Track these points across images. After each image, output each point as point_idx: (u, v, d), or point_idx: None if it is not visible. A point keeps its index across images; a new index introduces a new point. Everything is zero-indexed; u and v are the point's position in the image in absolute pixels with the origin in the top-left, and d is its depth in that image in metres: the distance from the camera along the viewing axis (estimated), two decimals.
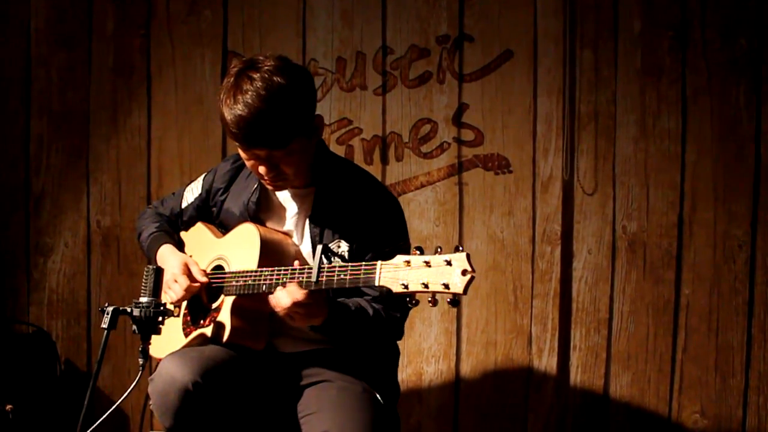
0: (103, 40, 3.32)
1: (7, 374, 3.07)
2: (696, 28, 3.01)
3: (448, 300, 1.85)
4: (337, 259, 2.14)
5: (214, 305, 2.34)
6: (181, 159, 3.31)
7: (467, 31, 3.13)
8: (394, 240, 2.25)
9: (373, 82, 3.23)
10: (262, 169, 2.19)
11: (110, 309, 2.09)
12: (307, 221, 2.31)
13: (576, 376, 3.17)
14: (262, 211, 2.38)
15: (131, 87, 3.32)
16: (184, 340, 2.38)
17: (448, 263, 1.84)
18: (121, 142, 3.35)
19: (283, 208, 2.38)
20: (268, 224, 2.38)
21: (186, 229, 2.58)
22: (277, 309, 2.09)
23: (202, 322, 2.35)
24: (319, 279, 2.05)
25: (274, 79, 2.11)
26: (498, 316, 3.19)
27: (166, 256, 2.42)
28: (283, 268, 2.16)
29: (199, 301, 2.39)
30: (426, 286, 1.85)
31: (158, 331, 2.17)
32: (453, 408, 3.21)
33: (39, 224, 3.37)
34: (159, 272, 2.19)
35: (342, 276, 2.03)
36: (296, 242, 2.35)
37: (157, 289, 2.18)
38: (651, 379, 3.10)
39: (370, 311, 2.21)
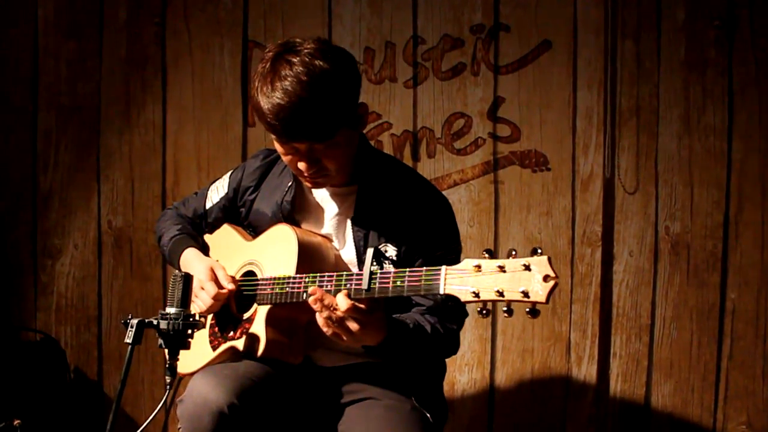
0: (115, 29, 3.14)
1: (14, 385, 2.87)
2: (744, 18, 2.80)
3: (527, 310, 1.60)
4: (388, 264, 1.87)
5: (246, 315, 2.08)
6: (199, 155, 3.11)
7: (503, 20, 2.92)
8: (446, 243, 2.02)
9: (404, 74, 3.01)
10: (301, 165, 1.93)
11: (134, 321, 1.80)
12: (349, 223, 2.05)
13: (616, 385, 2.95)
14: (297, 211, 2.12)
15: (145, 79, 3.14)
16: (212, 354, 2.11)
17: (527, 268, 1.58)
18: (134, 138, 3.16)
19: (320, 209, 2.11)
20: (304, 226, 2.12)
21: (211, 232, 2.32)
22: (327, 324, 1.80)
23: (232, 333, 2.09)
24: (371, 286, 1.78)
25: (316, 62, 1.84)
26: (535, 322, 2.95)
27: (191, 261, 2.16)
28: (327, 273, 1.90)
29: (228, 311, 2.13)
30: (501, 294, 1.59)
31: (187, 346, 1.89)
32: (487, 419, 3.02)
33: (47, 225, 3.21)
34: (188, 280, 1.91)
35: (399, 283, 1.75)
36: (336, 246, 2.09)
37: (186, 299, 1.90)
38: (695, 388, 2.90)
39: (428, 327, 1.96)
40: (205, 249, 2.26)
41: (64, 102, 3.18)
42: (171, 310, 1.88)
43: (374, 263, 1.79)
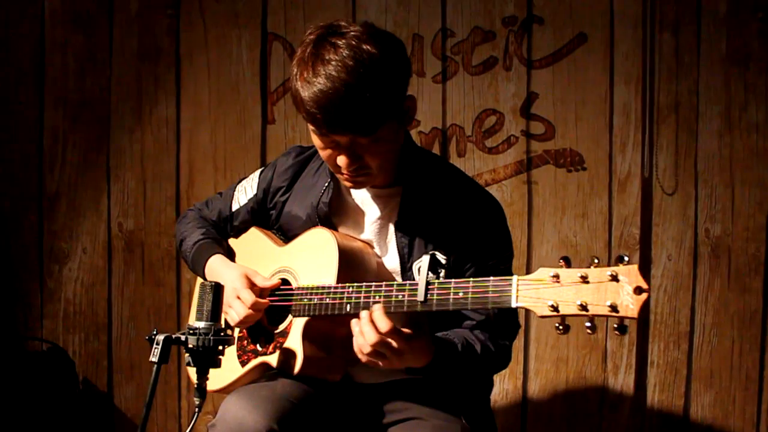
0: (126, 20, 2.99)
1: (20, 398, 2.71)
2: None
3: (615, 326, 1.41)
4: (444, 272, 1.64)
5: (279, 328, 1.87)
6: (215, 154, 2.96)
7: (537, 12, 2.77)
8: (499, 251, 1.84)
9: (432, 68, 2.85)
10: (341, 160, 1.72)
11: (161, 338, 1.59)
12: (392, 228, 1.84)
13: (653, 395, 2.81)
14: (334, 214, 1.91)
15: (158, 73, 2.99)
16: (241, 370, 1.90)
17: (614, 278, 1.39)
18: (147, 136, 3.01)
19: (360, 212, 1.90)
20: (341, 230, 1.91)
21: (236, 236, 2.11)
22: (362, 351, 1.62)
23: (263, 348, 1.88)
24: (428, 298, 1.58)
25: (364, 47, 1.64)
26: (570, 330, 2.64)
27: (219, 268, 1.95)
28: (373, 283, 1.69)
29: (258, 323, 1.92)
30: (584, 308, 1.40)
31: (218, 364, 1.68)
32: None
33: (54, 227, 3.06)
34: (219, 290, 1.69)
35: (461, 295, 1.55)
36: (378, 253, 1.88)
37: (216, 311, 1.69)
38: (736, 399, 2.76)
39: (478, 347, 1.77)
40: (230, 255, 2.05)
41: (72, 98, 3.03)
42: (200, 324, 1.67)
43: (431, 272, 1.58)
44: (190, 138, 2.98)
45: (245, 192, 2.06)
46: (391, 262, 1.86)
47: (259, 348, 1.89)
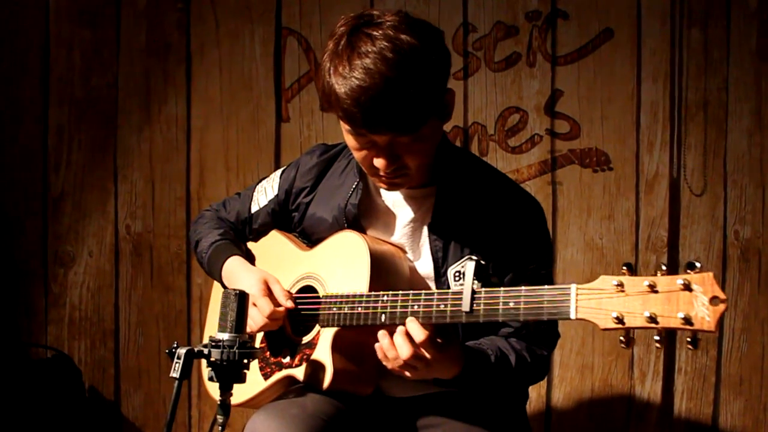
0: (133, 15, 2.91)
1: (23, 408, 2.62)
2: None
3: (688, 340, 1.28)
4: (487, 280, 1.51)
5: (306, 339, 1.74)
6: (227, 153, 2.87)
7: (561, 6, 2.68)
8: (540, 256, 1.72)
9: (453, 64, 2.67)
10: (378, 162, 1.59)
11: (182, 351, 1.46)
12: (426, 231, 1.71)
13: (681, 403, 2.71)
14: (363, 216, 1.77)
15: (167, 70, 2.90)
16: (263, 384, 1.77)
17: (686, 287, 1.27)
18: (155, 134, 2.93)
19: (391, 214, 1.77)
20: (370, 233, 1.78)
21: (256, 239, 1.97)
22: (391, 361, 1.52)
23: (288, 360, 1.75)
24: (474, 308, 1.44)
25: (402, 37, 1.51)
26: (595, 335, 2.70)
27: (237, 271, 1.82)
28: (411, 291, 1.55)
29: (282, 333, 1.78)
30: (653, 320, 1.26)
31: (243, 378, 1.54)
32: None
33: (59, 230, 2.97)
34: (243, 299, 1.55)
35: (511, 305, 1.41)
36: (410, 258, 1.75)
37: (241, 322, 1.55)
38: (767, 406, 2.65)
39: (513, 358, 1.65)
40: (249, 259, 1.92)
41: (77, 95, 2.95)
42: (224, 335, 1.53)
43: (476, 279, 1.45)
44: (201, 137, 2.90)
45: (265, 193, 1.93)
46: (424, 267, 1.73)
47: (283, 360, 1.76)
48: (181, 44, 2.89)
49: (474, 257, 1.66)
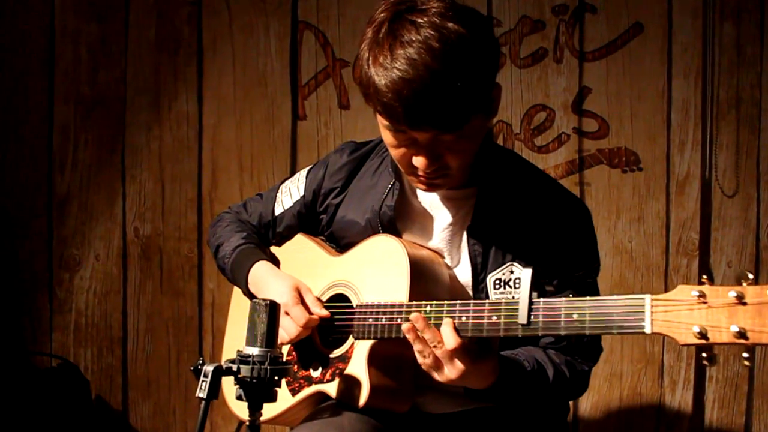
0: (143, 8, 2.83)
1: (28, 419, 2.51)
2: None
3: (745, 355, 1.16)
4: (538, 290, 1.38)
5: (338, 352, 1.60)
6: (240, 153, 2.78)
7: (589, 0, 2.58)
8: (587, 261, 1.62)
9: None
10: (419, 161, 1.46)
11: (209, 368, 1.32)
12: (465, 235, 1.58)
13: (712, 413, 2.63)
14: (398, 219, 1.64)
15: (177, 65, 2.81)
16: (292, 399, 1.63)
17: None
18: (165, 133, 2.84)
19: (428, 217, 1.64)
20: (406, 237, 1.65)
21: (279, 244, 1.84)
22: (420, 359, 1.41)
23: (319, 374, 1.62)
24: (532, 320, 1.31)
25: (449, 25, 1.37)
26: (624, 342, 2.62)
27: (266, 278, 1.68)
28: (458, 302, 1.42)
29: (311, 345, 1.66)
30: (742, 335, 1.13)
31: (274, 397, 1.40)
32: None
33: (64, 233, 2.89)
34: (274, 310, 1.41)
35: (575, 317, 1.28)
36: (448, 263, 1.62)
37: (272, 335, 1.41)
38: None
39: (551, 372, 1.53)
40: (274, 264, 1.77)
41: (84, 92, 2.87)
42: (253, 350, 1.39)
43: (534, 289, 1.32)
44: (213, 136, 2.82)
45: (290, 194, 1.80)
46: (463, 274, 1.61)
47: (313, 374, 1.63)
48: (193, 39, 2.81)
49: (516, 263, 1.56)
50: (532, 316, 1.31)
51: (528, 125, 2.63)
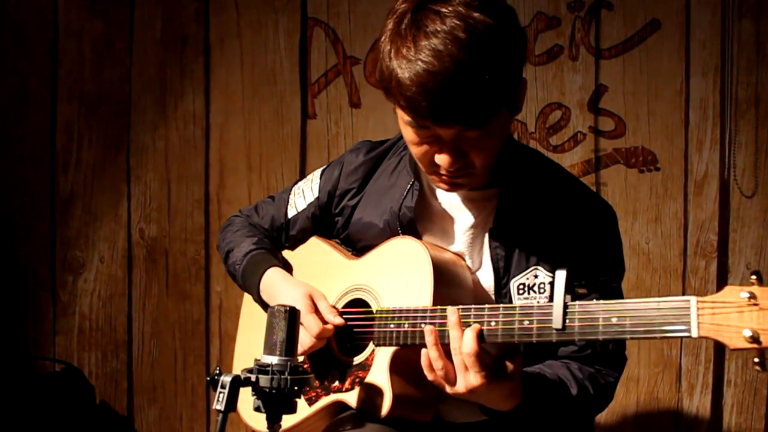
0: (148, 4, 2.81)
1: (31, 426, 2.49)
2: None
3: None
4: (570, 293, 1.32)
5: (357, 359, 1.54)
6: (249, 152, 2.74)
7: None
8: (613, 265, 1.56)
9: None
10: (442, 159, 1.40)
11: (227, 379, 1.26)
12: (487, 238, 1.52)
13: (731, 417, 2.57)
14: (418, 220, 1.58)
15: (184, 63, 2.79)
16: (308, 410, 1.56)
17: None
18: (171, 132, 2.81)
19: (449, 218, 1.58)
20: (426, 240, 1.58)
21: (293, 248, 1.77)
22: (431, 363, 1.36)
23: (337, 383, 1.55)
24: (567, 325, 1.25)
25: (476, 15, 1.31)
26: (641, 345, 2.57)
27: (278, 285, 1.62)
28: (486, 306, 1.36)
29: (328, 353, 1.59)
30: None
31: (293, 408, 1.33)
32: None
33: (67, 234, 2.88)
34: (294, 316, 1.34)
35: (614, 321, 1.22)
36: (470, 267, 1.56)
37: (291, 343, 1.33)
38: None
39: (574, 388, 1.47)
40: (287, 270, 1.71)
41: (88, 90, 2.86)
42: (272, 359, 1.32)
43: (567, 292, 1.26)
44: (221, 134, 2.78)
45: (304, 195, 1.73)
46: (485, 278, 1.54)
47: (330, 383, 1.56)
48: (200, 35, 2.78)
49: (541, 267, 1.50)
50: (567, 321, 1.25)
51: (543, 124, 2.58)
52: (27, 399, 2.53)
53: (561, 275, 1.26)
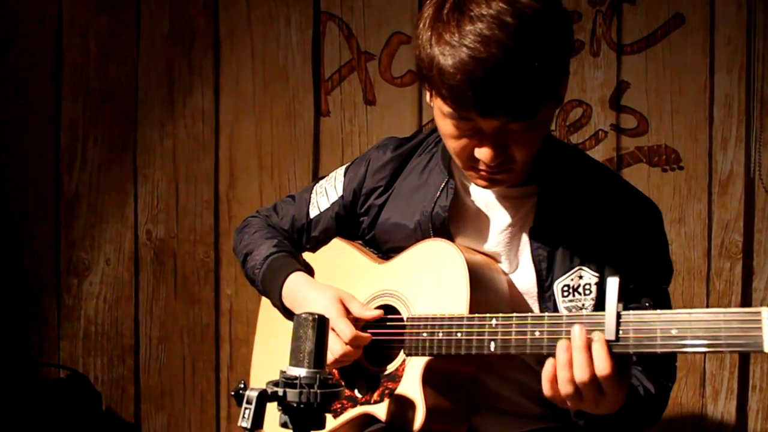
0: None
1: None
2: None
3: None
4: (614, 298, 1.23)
5: (388, 369, 1.45)
6: (260, 151, 2.68)
7: None
8: (661, 267, 1.49)
9: None
10: (483, 153, 1.31)
11: (253, 394, 1.17)
12: (525, 237, 1.45)
13: (756, 423, 2.51)
14: (451, 220, 1.49)
15: (193, 58, 2.72)
16: (333, 422, 1.48)
17: None
18: (179, 130, 2.74)
19: (484, 218, 1.49)
20: (459, 241, 1.50)
21: (314, 249, 1.69)
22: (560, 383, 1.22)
23: (365, 394, 1.47)
24: (621, 336, 1.16)
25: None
26: None
27: (303, 291, 1.52)
28: (529, 315, 1.28)
29: (354, 361, 1.50)
30: None
31: (323, 424, 1.24)
32: None
33: (72, 236, 2.81)
34: (323, 325, 1.24)
35: (674, 333, 1.12)
36: (505, 269, 1.48)
37: (320, 354, 1.23)
38: None
39: (652, 388, 1.41)
40: (309, 273, 1.63)
41: (93, 87, 2.80)
42: (300, 371, 1.22)
43: (620, 299, 1.17)
44: (231, 132, 2.71)
45: (326, 194, 1.65)
46: (524, 280, 1.46)
47: (357, 394, 1.47)
48: (209, 30, 2.72)
49: (585, 268, 1.42)
50: (621, 332, 1.16)
51: (563, 121, 2.52)
52: (31, 406, 2.46)
53: (613, 282, 1.17)
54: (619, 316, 1.16)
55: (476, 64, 1.19)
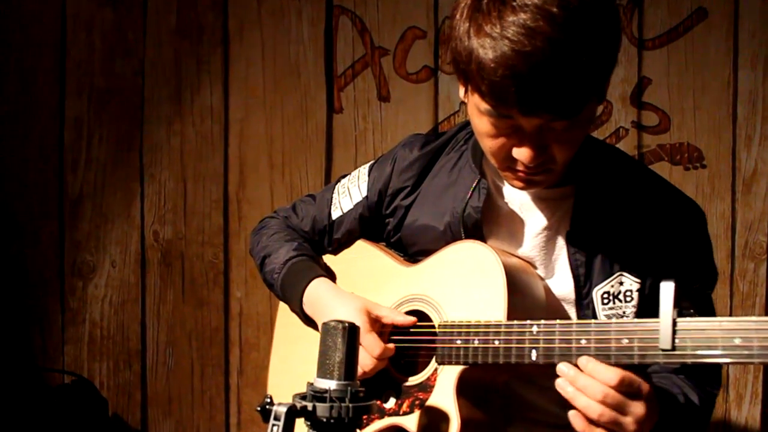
0: None
1: None
2: None
3: None
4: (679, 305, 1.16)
5: (417, 379, 1.37)
6: (271, 149, 2.62)
7: None
8: (705, 273, 1.42)
9: None
10: (523, 153, 1.23)
11: (281, 410, 1.09)
12: (561, 241, 1.38)
13: None
14: (483, 222, 1.42)
15: (201, 54, 2.66)
16: None
17: None
18: (187, 128, 2.67)
19: (518, 220, 1.41)
20: (491, 243, 1.41)
21: (336, 252, 1.61)
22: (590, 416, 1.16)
23: (393, 405, 1.38)
24: (677, 345, 1.09)
25: None
26: None
27: (327, 299, 1.45)
28: (574, 322, 1.19)
29: (382, 371, 1.42)
30: None
31: None
32: None
33: (77, 237, 2.75)
34: (354, 334, 1.16)
35: (738, 342, 1.05)
36: (541, 274, 1.40)
37: (351, 365, 1.16)
38: None
39: (696, 398, 1.33)
40: (331, 278, 1.55)
41: (98, 84, 2.73)
42: (329, 383, 1.14)
43: (676, 306, 1.10)
44: (241, 130, 2.65)
45: (350, 194, 1.57)
46: (561, 286, 1.38)
47: (385, 405, 1.39)
48: (218, 25, 2.65)
49: (626, 274, 1.35)
50: (677, 341, 1.08)
51: None
52: (36, 413, 2.39)
53: (668, 287, 1.09)
54: (674, 323, 1.08)
55: (519, 58, 1.10)
